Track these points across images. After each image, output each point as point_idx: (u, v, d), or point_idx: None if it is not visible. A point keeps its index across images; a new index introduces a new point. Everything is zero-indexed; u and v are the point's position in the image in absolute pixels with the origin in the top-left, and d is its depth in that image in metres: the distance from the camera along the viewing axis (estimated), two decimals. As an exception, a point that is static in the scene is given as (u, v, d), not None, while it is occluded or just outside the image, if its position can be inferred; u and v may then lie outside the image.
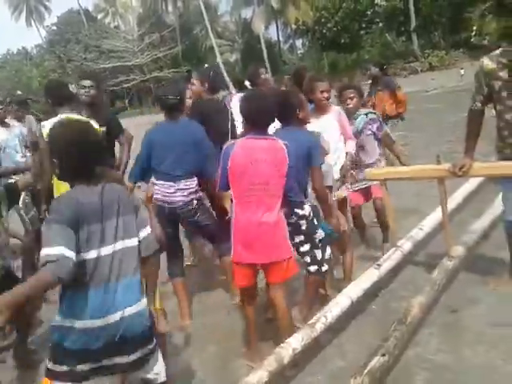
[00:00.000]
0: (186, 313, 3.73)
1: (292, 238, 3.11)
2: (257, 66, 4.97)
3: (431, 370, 2.77)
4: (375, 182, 4.18)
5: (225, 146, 2.95)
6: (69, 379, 1.96)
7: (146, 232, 2.14)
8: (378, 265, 3.63)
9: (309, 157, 3.13)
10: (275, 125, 3.25)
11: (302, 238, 3.19)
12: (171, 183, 3.51)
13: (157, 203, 3.58)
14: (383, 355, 2.67)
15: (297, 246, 3.18)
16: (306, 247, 3.21)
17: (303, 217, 3.14)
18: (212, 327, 3.61)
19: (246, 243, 2.87)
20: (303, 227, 3.17)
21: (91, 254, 1.95)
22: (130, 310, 2.01)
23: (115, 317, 1.97)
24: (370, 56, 34.29)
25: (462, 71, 21.84)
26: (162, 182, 3.55)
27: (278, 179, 2.85)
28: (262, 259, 2.90)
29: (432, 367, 2.79)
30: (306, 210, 3.15)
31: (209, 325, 3.66)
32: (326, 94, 3.80)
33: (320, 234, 3.23)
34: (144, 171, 3.64)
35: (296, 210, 3.11)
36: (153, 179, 3.64)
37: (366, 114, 4.31)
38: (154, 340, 2.14)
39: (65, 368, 1.96)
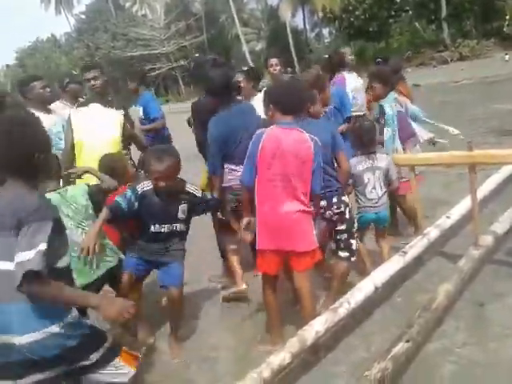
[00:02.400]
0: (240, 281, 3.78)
1: (335, 227, 3.21)
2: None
3: (457, 363, 2.72)
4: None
5: (255, 134, 2.93)
6: None
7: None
8: (404, 252, 3.59)
9: (333, 143, 3.18)
10: None
11: (343, 226, 3.24)
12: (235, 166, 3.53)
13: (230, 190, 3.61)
14: (407, 341, 2.65)
15: (336, 233, 3.24)
16: (344, 235, 3.27)
17: (347, 204, 3.23)
18: (235, 313, 3.63)
19: (270, 231, 2.88)
20: (347, 215, 3.24)
21: None
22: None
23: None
24: (399, 44, 33.63)
25: (507, 57, 21.01)
26: (233, 167, 3.57)
27: (303, 172, 2.83)
28: (285, 246, 2.89)
29: (458, 360, 2.75)
30: (346, 197, 3.26)
31: (232, 311, 3.68)
32: None
33: (356, 223, 3.30)
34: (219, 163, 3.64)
35: (343, 198, 3.21)
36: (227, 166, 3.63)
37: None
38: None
39: None
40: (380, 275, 3.30)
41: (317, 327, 2.73)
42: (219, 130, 3.52)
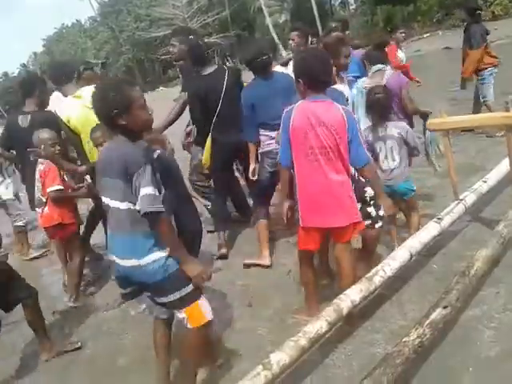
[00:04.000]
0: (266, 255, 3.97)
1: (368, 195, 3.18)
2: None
3: (497, 329, 2.67)
4: None
5: (284, 111, 2.90)
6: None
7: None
8: (439, 219, 3.51)
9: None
10: None
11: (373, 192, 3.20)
12: (274, 133, 3.70)
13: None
14: (445, 307, 2.61)
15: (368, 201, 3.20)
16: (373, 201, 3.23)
17: None
18: (271, 286, 3.65)
19: (312, 207, 2.86)
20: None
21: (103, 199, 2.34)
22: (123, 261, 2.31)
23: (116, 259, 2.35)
24: (428, 7, 32.31)
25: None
26: (269, 133, 3.81)
27: (339, 143, 2.78)
28: (330, 223, 2.87)
29: (498, 326, 2.70)
30: None
31: (268, 284, 3.71)
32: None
33: (370, 191, 3.20)
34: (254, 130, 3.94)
35: None
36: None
37: None
38: (165, 297, 2.35)
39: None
40: (415, 243, 3.25)
41: (352, 296, 2.73)
42: (251, 98, 3.83)
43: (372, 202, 3.21)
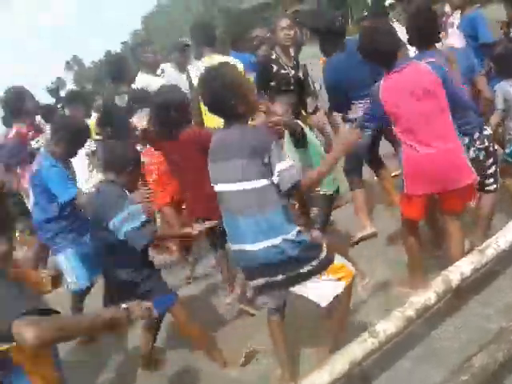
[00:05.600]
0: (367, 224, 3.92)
1: (484, 162, 3.05)
2: None
3: None
4: None
5: (372, 89, 2.83)
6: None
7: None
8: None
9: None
10: None
11: (491, 160, 3.09)
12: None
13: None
14: None
15: (483, 169, 3.05)
16: (492, 169, 3.12)
17: (490, 137, 3.06)
18: (373, 258, 3.60)
19: (420, 175, 2.77)
20: (491, 148, 3.08)
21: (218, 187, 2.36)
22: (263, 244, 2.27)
23: (247, 247, 2.30)
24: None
25: None
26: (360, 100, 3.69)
27: (438, 104, 2.66)
28: (438, 188, 2.78)
29: None
30: (489, 129, 3.10)
31: (369, 255, 3.67)
32: None
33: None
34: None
35: (485, 132, 3.05)
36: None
37: None
38: (305, 267, 2.30)
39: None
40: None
41: (463, 268, 2.62)
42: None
43: (489, 179, 3.09)
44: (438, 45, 3.17)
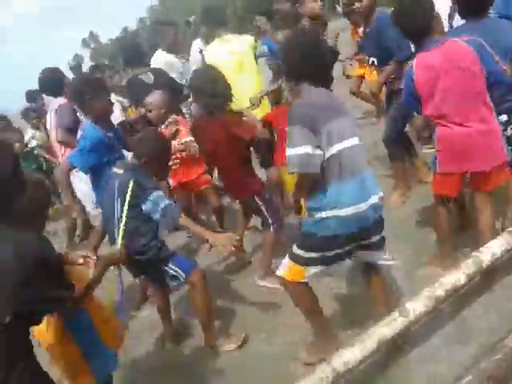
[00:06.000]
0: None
1: None
2: None
3: None
4: None
5: (405, 71, 2.83)
6: (318, 263, 2.39)
7: None
8: None
9: None
10: None
11: None
12: None
13: None
14: None
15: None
16: None
17: None
18: (402, 237, 3.56)
19: (453, 153, 2.76)
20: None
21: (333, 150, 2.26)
22: (373, 199, 2.31)
23: (362, 206, 2.27)
24: None
25: None
26: None
27: (475, 82, 2.63)
28: (471, 167, 2.76)
29: None
30: None
31: (398, 234, 3.64)
32: None
33: None
34: None
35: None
36: None
37: None
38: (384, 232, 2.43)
39: (314, 255, 2.36)
40: None
41: (494, 249, 2.61)
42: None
43: None
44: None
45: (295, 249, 2.43)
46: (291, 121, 2.28)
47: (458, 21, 3.25)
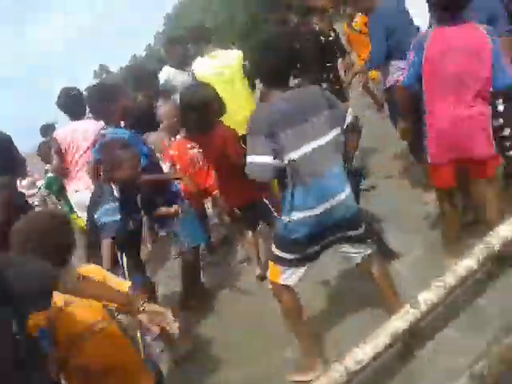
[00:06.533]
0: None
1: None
2: None
3: None
4: None
5: (416, 38, 2.73)
6: (293, 264, 2.40)
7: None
8: None
9: None
10: None
11: (500, 121, 2.94)
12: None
13: None
14: None
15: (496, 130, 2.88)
16: (506, 131, 2.98)
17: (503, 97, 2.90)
18: (411, 231, 3.53)
19: (444, 140, 2.70)
20: (500, 108, 2.92)
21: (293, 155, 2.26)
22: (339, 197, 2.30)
23: (326, 205, 2.28)
24: None
25: None
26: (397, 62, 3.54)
27: (479, 69, 2.58)
28: (464, 155, 2.70)
29: None
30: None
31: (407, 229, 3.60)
32: None
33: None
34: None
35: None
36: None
37: None
38: (362, 227, 2.42)
39: (288, 256, 2.39)
40: None
41: (504, 233, 2.53)
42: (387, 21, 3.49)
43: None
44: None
45: (273, 248, 2.47)
46: (251, 128, 2.31)
47: None
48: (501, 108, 2.93)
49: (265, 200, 3.29)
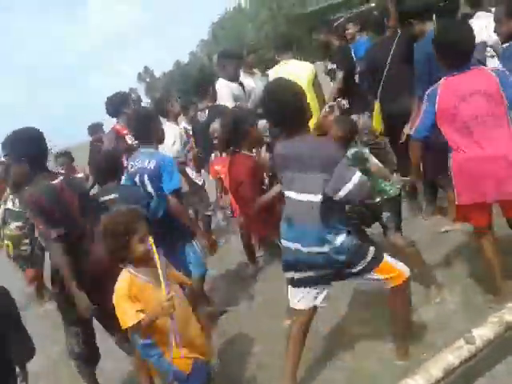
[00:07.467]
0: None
1: None
2: None
3: None
4: None
5: (428, 90, 2.80)
6: (300, 284, 2.56)
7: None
8: None
9: None
10: None
11: None
12: None
13: None
14: None
15: None
16: None
17: None
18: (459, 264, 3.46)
19: (473, 181, 2.67)
20: None
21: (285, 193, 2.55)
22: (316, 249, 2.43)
23: (298, 247, 2.47)
24: None
25: None
26: None
27: (496, 109, 2.61)
28: (491, 196, 2.66)
29: None
30: None
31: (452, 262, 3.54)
32: None
33: None
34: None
35: None
36: None
37: None
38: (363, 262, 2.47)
39: (289, 275, 2.59)
40: None
41: None
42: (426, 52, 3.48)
43: None
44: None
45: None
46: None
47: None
48: None
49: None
